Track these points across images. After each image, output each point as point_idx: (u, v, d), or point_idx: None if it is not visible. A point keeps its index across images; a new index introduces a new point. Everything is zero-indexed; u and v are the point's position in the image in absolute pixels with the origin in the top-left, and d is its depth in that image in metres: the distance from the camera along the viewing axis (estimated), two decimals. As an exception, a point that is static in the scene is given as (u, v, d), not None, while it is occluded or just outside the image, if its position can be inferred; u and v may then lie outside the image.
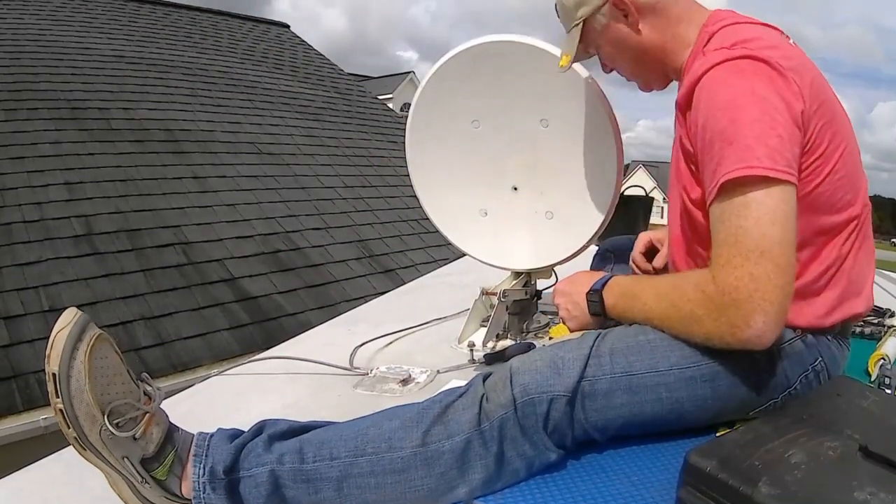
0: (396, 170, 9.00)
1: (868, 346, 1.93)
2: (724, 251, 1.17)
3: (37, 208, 5.53)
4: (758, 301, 1.13)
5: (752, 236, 1.15)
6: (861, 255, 1.37)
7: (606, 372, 1.26)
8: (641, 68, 1.55)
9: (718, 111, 1.22)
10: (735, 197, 1.17)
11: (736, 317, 1.15)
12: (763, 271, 1.13)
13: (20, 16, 9.18)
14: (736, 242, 1.16)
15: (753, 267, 1.13)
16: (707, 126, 1.23)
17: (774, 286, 1.13)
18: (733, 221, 1.17)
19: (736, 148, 1.17)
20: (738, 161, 1.16)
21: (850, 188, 1.33)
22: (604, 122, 1.81)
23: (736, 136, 1.18)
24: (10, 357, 4.19)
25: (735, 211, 1.17)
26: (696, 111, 1.27)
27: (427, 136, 2.07)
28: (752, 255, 1.14)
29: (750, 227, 1.15)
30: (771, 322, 1.14)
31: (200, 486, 1.10)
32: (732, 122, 1.19)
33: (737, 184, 1.16)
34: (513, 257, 2.12)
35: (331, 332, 2.38)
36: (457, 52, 1.89)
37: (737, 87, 1.22)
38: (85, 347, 1.02)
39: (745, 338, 1.15)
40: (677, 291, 1.29)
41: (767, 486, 0.96)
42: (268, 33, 13.15)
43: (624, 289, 1.44)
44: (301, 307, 5.73)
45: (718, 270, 1.17)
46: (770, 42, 1.29)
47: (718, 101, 1.23)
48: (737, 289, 1.14)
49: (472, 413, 1.18)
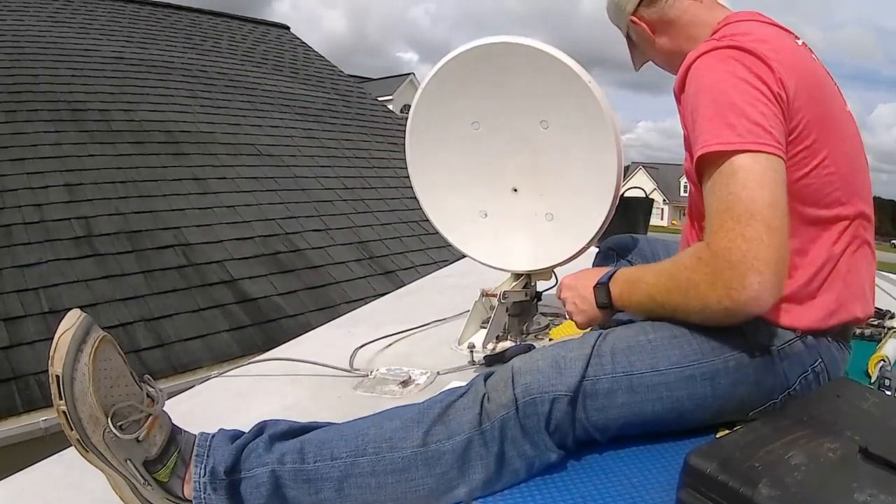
0: (396, 171, 9.00)
1: (868, 347, 1.93)
2: (716, 218, 1.19)
3: (37, 210, 5.53)
4: (751, 261, 1.13)
5: (741, 200, 1.16)
6: (857, 258, 1.37)
7: (608, 371, 1.26)
8: (673, 56, 1.60)
9: (701, 93, 1.27)
10: (722, 167, 1.20)
11: (731, 278, 1.15)
12: (755, 232, 1.14)
13: (20, 17, 9.18)
14: (727, 208, 1.18)
15: (745, 228, 1.14)
16: (693, 107, 1.29)
17: (767, 246, 1.13)
18: (723, 190, 1.19)
19: (717, 124, 1.21)
20: (717, 136, 1.20)
21: (842, 187, 1.33)
22: (603, 123, 1.81)
23: (716, 114, 1.23)
24: (10, 358, 4.19)
25: (723, 180, 1.20)
26: (686, 96, 1.33)
27: (427, 137, 2.08)
28: (743, 218, 1.15)
29: (739, 192, 1.17)
30: (766, 283, 1.13)
31: (201, 487, 1.11)
32: (714, 101, 1.24)
33: (721, 156, 1.20)
34: (513, 259, 2.12)
35: (331, 333, 2.38)
36: (457, 54, 1.90)
37: (719, 71, 1.27)
38: (89, 350, 1.02)
39: (743, 300, 1.15)
40: (675, 264, 1.30)
41: (767, 487, 0.96)
42: (268, 35, 13.15)
43: (628, 276, 1.46)
44: (301, 309, 5.72)
45: (712, 236, 1.19)
46: (761, 37, 1.32)
47: (702, 84, 1.29)
48: (729, 250, 1.15)
49: (473, 413, 1.19)
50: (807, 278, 1.31)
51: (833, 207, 1.33)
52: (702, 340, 1.30)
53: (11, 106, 6.77)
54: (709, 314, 1.22)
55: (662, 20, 1.60)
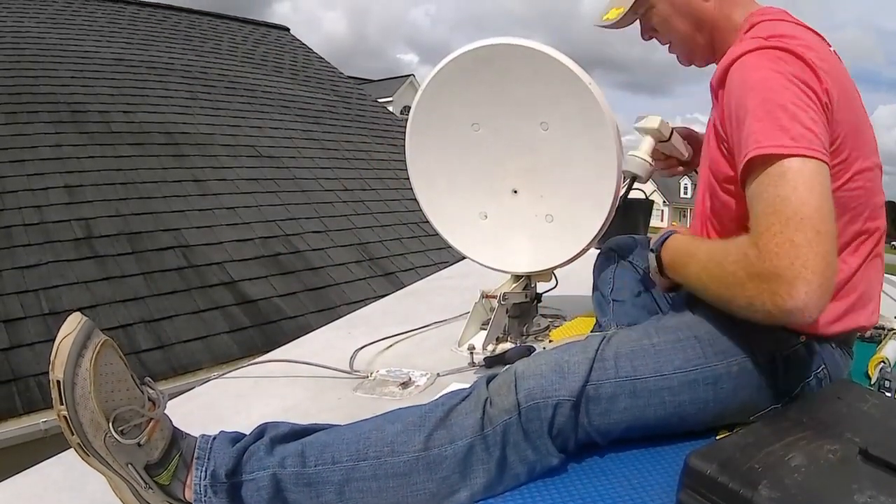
0: (396, 173, 9.00)
1: (868, 349, 1.93)
2: (763, 220, 1.14)
3: (37, 211, 5.53)
4: (799, 269, 1.07)
5: (790, 204, 1.11)
6: (871, 271, 1.37)
7: (611, 376, 1.26)
8: (694, 37, 1.55)
9: (751, 90, 1.22)
10: (771, 169, 1.15)
11: (778, 285, 1.09)
12: (804, 238, 1.09)
13: (20, 19, 9.19)
14: (775, 211, 1.12)
15: (794, 233, 1.09)
16: (739, 105, 1.23)
17: (816, 253, 1.08)
18: (770, 192, 1.14)
19: (768, 125, 1.17)
20: (771, 139, 1.15)
21: (866, 202, 1.33)
22: (603, 124, 1.81)
23: (768, 115, 1.18)
24: (10, 360, 4.19)
25: (772, 182, 1.15)
26: (729, 93, 1.28)
27: (427, 139, 2.08)
28: (792, 222, 1.10)
29: (788, 195, 1.12)
30: (813, 294, 1.07)
31: (202, 490, 1.10)
32: (765, 101, 1.19)
33: (771, 158, 1.15)
34: (513, 260, 2.12)
35: (330, 334, 2.38)
36: (457, 56, 1.90)
37: (770, 70, 1.22)
38: (90, 354, 1.02)
39: (788, 308, 1.09)
40: (724, 252, 1.24)
41: (767, 488, 0.96)
42: (267, 36, 13.16)
43: (679, 248, 1.42)
44: (301, 310, 5.72)
45: (759, 237, 1.13)
46: (807, 42, 1.29)
47: (751, 80, 1.23)
48: (777, 255, 1.09)
49: (475, 417, 1.18)
50: None
51: (855, 222, 1.32)
52: (705, 345, 1.30)
53: (11, 108, 6.78)
54: (752, 313, 1.17)
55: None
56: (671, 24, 1.57)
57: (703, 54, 1.59)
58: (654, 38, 1.66)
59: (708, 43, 1.55)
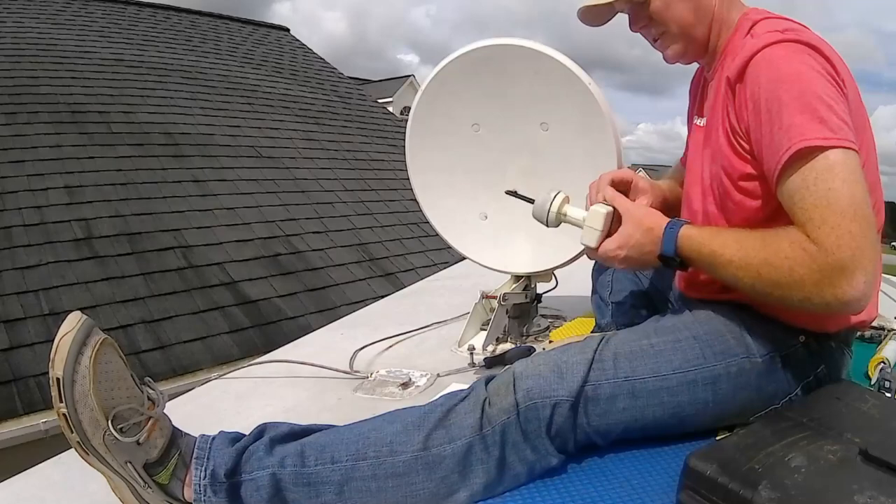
0: (396, 173, 9.01)
1: (868, 349, 1.93)
2: (817, 213, 1.13)
3: (37, 212, 5.53)
4: (860, 259, 1.10)
5: (843, 196, 1.12)
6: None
7: (610, 377, 1.25)
8: (694, 28, 1.45)
9: (784, 83, 1.20)
10: (816, 162, 1.14)
11: (840, 278, 1.10)
12: (860, 228, 1.10)
13: (20, 19, 9.19)
14: (829, 204, 1.12)
15: (850, 224, 1.10)
16: (771, 98, 1.21)
17: (871, 243, 1.11)
18: (820, 185, 1.14)
19: (808, 118, 1.16)
20: (814, 131, 1.14)
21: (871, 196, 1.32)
22: (603, 125, 1.81)
23: (807, 107, 1.16)
24: (10, 361, 4.19)
25: (820, 175, 1.14)
26: (752, 86, 1.25)
27: (427, 139, 2.08)
28: (848, 213, 1.11)
29: (839, 188, 1.12)
30: (870, 282, 1.11)
31: (202, 489, 1.11)
32: (801, 93, 1.18)
33: (815, 151, 1.14)
34: (513, 261, 2.12)
35: (330, 335, 2.38)
36: (457, 56, 1.90)
37: (799, 63, 1.21)
38: (90, 352, 1.02)
39: (847, 299, 1.11)
40: (771, 248, 1.20)
41: (767, 489, 0.96)
42: (267, 37, 13.16)
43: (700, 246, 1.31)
44: (301, 311, 5.72)
45: (816, 231, 1.13)
46: (817, 36, 1.28)
47: (782, 73, 1.21)
48: (839, 247, 1.10)
49: (474, 417, 1.18)
50: None
51: None
52: (704, 346, 1.30)
53: (11, 108, 6.78)
54: (807, 306, 1.17)
55: None
56: (673, 10, 1.44)
57: (697, 49, 1.50)
58: (643, 31, 1.52)
59: (704, 37, 1.47)
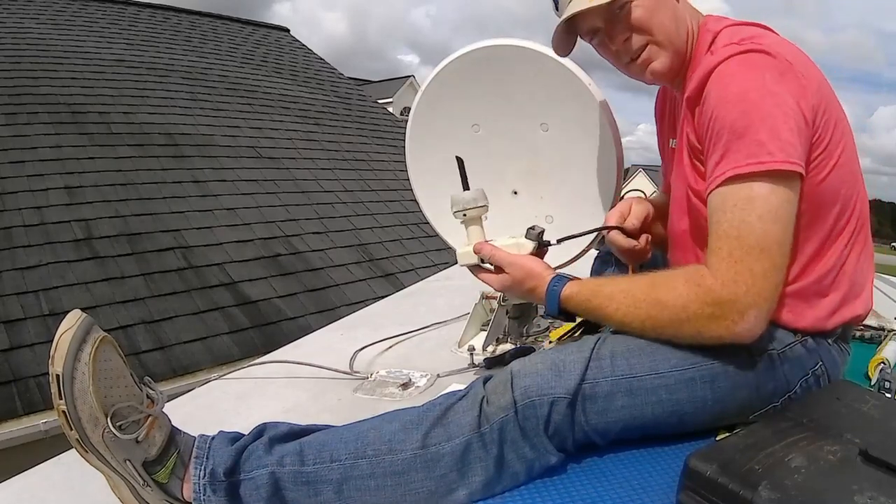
0: (396, 174, 9.01)
1: (868, 349, 1.93)
2: (726, 244, 1.18)
3: (37, 212, 5.53)
4: (753, 297, 1.15)
5: (754, 232, 1.16)
6: (863, 256, 1.38)
7: (607, 374, 1.25)
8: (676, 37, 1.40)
9: (729, 103, 1.21)
10: (740, 190, 1.18)
11: (732, 310, 1.16)
12: (762, 268, 1.15)
13: (20, 20, 9.19)
14: (739, 236, 1.17)
15: (754, 263, 1.15)
16: (717, 117, 1.22)
17: (771, 283, 1.17)
18: (736, 215, 1.17)
19: (747, 142, 1.17)
20: (748, 156, 1.16)
21: (852, 184, 1.33)
22: (604, 126, 1.81)
23: (747, 130, 1.17)
24: (10, 361, 4.19)
25: (739, 204, 1.17)
26: (706, 104, 1.26)
27: (427, 140, 2.08)
28: (754, 252, 1.15)
29: (753, 223, 1.16)
30: (762, 318, 1.18)
31: (201, 488, 1.11)
32: (744, 113, 1.18)
33: (742, 178, 1.17)
34: (513, 261, 2.11)
35: (330, 335, 2.38)
36: (457, 56, 1.90)
37: (748, 81, 1.21)
38: (89, 349, 1.02)
39: (738, 331, 1.18)
40: (663, 289, 1.25)
41: (767, 489, 0.96)
42: (268, 37, 13.16)
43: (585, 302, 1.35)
44: (301, 311, 5.72)
45: (719, 263, 1.18)
46: (775, 40, 1.29)
47: (729, 93, 1.22)
48: (735, 282, 1.16)
49: (472, 415, 1.18)
50: (817, 277, 1.31)
51: (846, 208, 1.32)
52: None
53: (11, 108, 6.79)
54: (700, 340, 1.24)
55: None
56: (656, 18, 1.38)
57: (679, 62, 1.44)
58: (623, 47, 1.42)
59: (683, 49, 1.43)
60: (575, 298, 1.36)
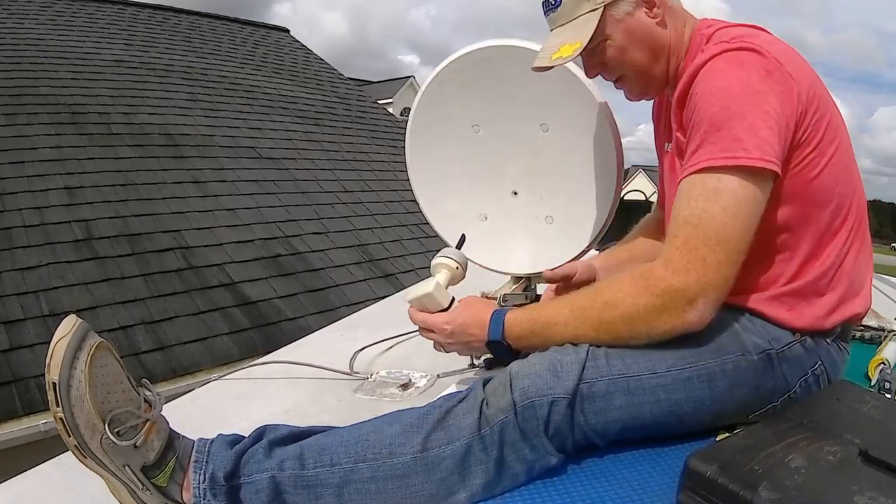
0: (396, 174, 9.01)
1: (868, 350, 1.93)
2: (683, 232, 1.20)
3: (37, 213, 5.53)
4: (703, 286, 1.17)
5: (714, 223, 1.17)
6: (861, 255, 1.38)
7: (604, 374, 1.25)
8: (651, 68, 1.45)
9: (712, 97, 1.22)
10: (708, 180, 1.19)
11: (681, 299, 1.18)
12: (716, 259, 1.16)
13: (20, 20, 9.20)
14: (697, 225, 1.18)
15: (708, 253, 1.16)
16: (698, 109, 1.23)
17: (721, 275, 1.17)
18: (700, 204, 1.19)
19: (724, 135, 1.19)
20: (723, 149, 1.18)
21: (847, 183, 1.33)
22: (604, 126, 1.81)
23: (725, 124, 1.19)
24: (10, 362, 4.19)
25: (705, 194, 1.19)
26: (691, 99, 1.27)
27: (427, 140, 2.07)
28: (710, 242, 1.16)
29: (715, 214, 1.17)
30: (710, 307, 1.19)
31: (201, 493, 1.11)
32: (724, 108, 1.20)
33: (716, 170, 1.18)
34: (512, 262, 2.11)
35: (330, 336, 2.38)
36: (457, 57, 1.89)
37: (733, 77, 1.22)
38: (85, 356, 1.02)
39: (688, 319, 1.19)
40: (610, 291, 1.28)
41: (767, 490, 0.96)
42: (268, 38, 13.17)
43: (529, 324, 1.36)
44: (301, 311, 5.73)
45: (673, 251, 1.20)
46: (767, 39, 1.29)
47: (713, 87, 1.23)
48: (686, 271, 1.17)
49: (472, 418, 1.18)
50: (815, 277, 1.31)
51: (842, 206, 1.33)
52: (699, 343, 1.30)
53: (12, 109, 6.79)
54: (653, 337, 1.25)
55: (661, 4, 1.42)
56: (627, 56, 1.43)
57: (659, 85, 1.49)
58: (600, 75, 1.52)
59: (664, 72, 1.46)
60: (519, 319, 1.38)
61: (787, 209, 1.28)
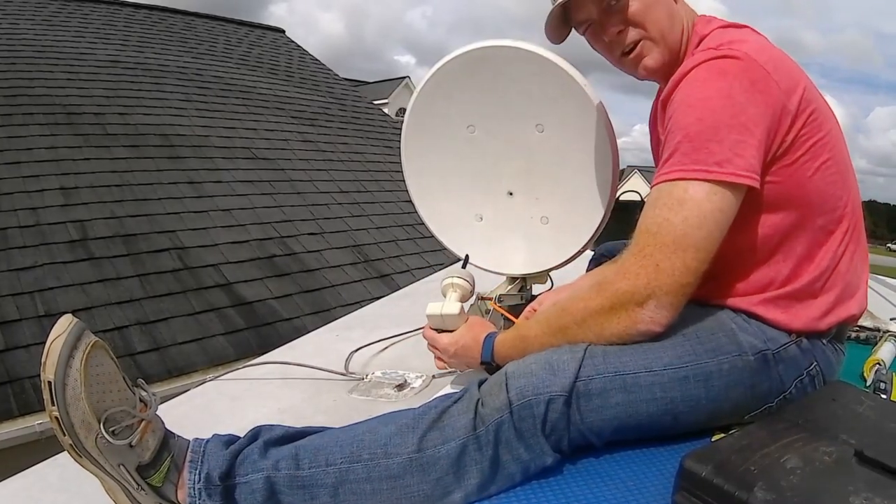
0: (392, 175, 9.00)
1: (863, 351, 1.93)
2: (643, 239, 1.21)
3: (32, 213, 5.51)
4: (653, 288, 1.18)
5: (673, 232, 1.18)
6: (856, 257, 1.38)
7: (601, 371, 1.25)
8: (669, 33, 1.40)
9: (690, 108, 1.23)
10: (675, 190, 1.20)
11: (630, 301, 1.20)
12: (670, 265, 1.17)
13: (15, 21, 9.17)
14: (657, 233, 1.19)
15: (663, 259, 1.17)
16: (675, 118, 1.24)
17: (675, 280, 1.18)
18: (662, 213, 1.20)
19: (696, 146, 1.19)
20: (695, 161, 1.19)
21: (842, 185, 1.34)
22: (599, 126, 1.81)
23: (699, 136, 1.19)
24: (5, 362, 4.17)
25: (669, 204, 1.20)
26: (670, 107, 1.28)
27: (423, 141, 2.07)
28: (666, 250, 1.18)
29: (676, 224, 1.18)
30: (663, 309, 1.20)
31: (196, 493, 1.10)
32: (700, 120, 1.20)
33: (685, 181, 1.19)
34: (508, 262, 2.12)
35: (326, 336, 2.37)
36: (453, 57, 1.89)
37: (713, 88, 1.22)
38: (81, 356, 1.02)
39: (640, 320, 1.21)
40: (568, 301, 1.32)
41: (763, 491, 0.96)
42: (263, 38, 13.14)
43: (511, 342, 1.44)
44: (296, 312, 5.71)
45: (628, 258, 1.22)
46: (757, 45, 1.29)
47: (692, 97, 1.23)
48: (637, 275, 1.19)
49: (467, 418, 1.18)
50: (810, 279, 1.32)
51: (837, 208, 1.33)
52: (695, 343, 1.30)
53: (7, 109, 6.76)
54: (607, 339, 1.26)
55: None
56: (651, 13, 1.38)
57: (672, 60, 1.43)
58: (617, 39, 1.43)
59: (676, 48, 1.43)
60: (504, 339, 1.45)
61: (780, 213, 1.29)
